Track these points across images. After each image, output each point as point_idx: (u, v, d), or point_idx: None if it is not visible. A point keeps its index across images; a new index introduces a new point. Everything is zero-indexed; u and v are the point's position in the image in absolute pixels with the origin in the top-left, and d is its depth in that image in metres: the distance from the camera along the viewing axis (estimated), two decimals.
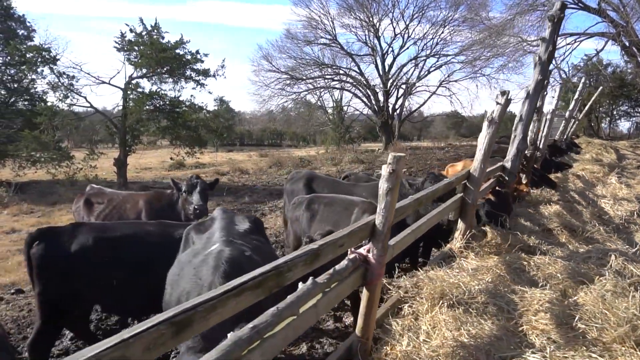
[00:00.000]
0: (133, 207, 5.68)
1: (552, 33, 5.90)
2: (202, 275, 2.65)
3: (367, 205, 4.83)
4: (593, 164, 10.98)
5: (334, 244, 2.41)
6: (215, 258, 2.71)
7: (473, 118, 59.80)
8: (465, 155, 23.00)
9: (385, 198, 2.67)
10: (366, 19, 32.95)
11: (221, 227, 3.33)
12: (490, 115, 4.55)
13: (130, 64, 17.86)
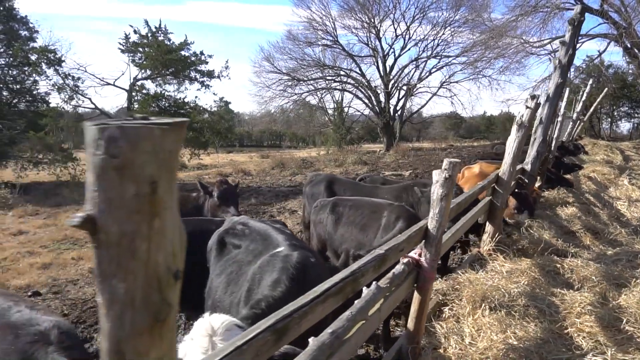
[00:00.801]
0: None
1: (573, 36, 5.95)
2: (266, 277, 2.68)
3: (398, 208, 4.85)
4: (603, 166, 11.07)
5: (396, 249, 2.44)
6: (283, 261, 2.74)
7: (472, 119, 60.04)
8: (468, 156, 23.12)
9: (439, 203, 2.70)
10: (367, 20, 33.05)
11: (275, 231, 3.36)
12: (520, 119, 4.60)
13: (135, 65, 17.87)
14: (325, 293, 1.80)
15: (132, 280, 0.73)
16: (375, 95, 34.53)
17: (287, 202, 15.12)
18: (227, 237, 3.64)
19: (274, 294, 2.47)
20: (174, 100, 18.25)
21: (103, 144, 0.68)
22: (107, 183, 0.69)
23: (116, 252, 0.72)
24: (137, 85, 17.87)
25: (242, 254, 3.34)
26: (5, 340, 2.20)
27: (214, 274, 3.45)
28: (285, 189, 18.65)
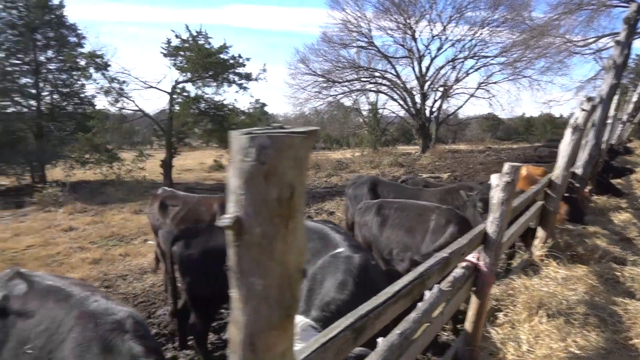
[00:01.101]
0: (208, 209, 5.84)
1: (629, 36, 5.72)
2: (330, 278, 2.73)
3: (446, 211, 4.81)
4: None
5: (458, 252, 2.44)
6: (346, 263, 2.78)
7: (510, 121, 58.36)
8: (508, 159, 22.52)
9: (500, 207, 2.67)
10: (403, 21, 32.74)
11: (332, 230, 3.42)
12: (575, 121, 4.47)
13: (176, 68, 18.38)
14: (397, 294, 1.83)
15: (268, 278, 0.78)
16: (411, 97, 34.16)
17: (324, 203, 15.20)
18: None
19: (342, 297, 2.53)
20: (214, 102, 18.66)
21: (254, 152, 0.74)
22: (255, 188, 0.75)
23: (257, 252, 0.78)
24: (178, 87, 18.37)
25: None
26: (88, 328, 2.35)
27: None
28: (321, 190, 18.76)
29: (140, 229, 12.55)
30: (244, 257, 0.79)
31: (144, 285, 7.65)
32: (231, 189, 0.78)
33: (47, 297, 2.76)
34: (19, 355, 2.65)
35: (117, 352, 2.18)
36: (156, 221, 6.25)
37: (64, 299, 2.69)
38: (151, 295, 7.03)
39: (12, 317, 2.76)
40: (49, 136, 20.32)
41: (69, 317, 2.51)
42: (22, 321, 2.71)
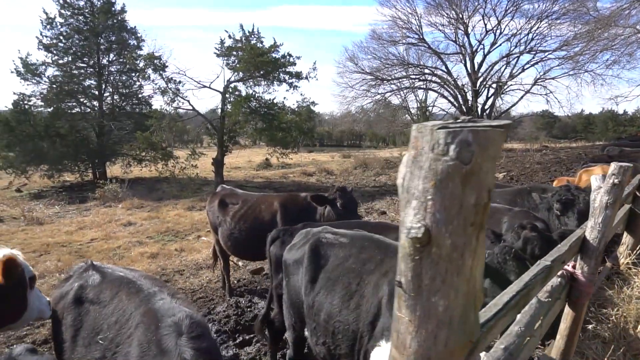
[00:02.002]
0: (268, 208, 5.83)
1: None
2: None
3: (520, 214, 4.53)
4: None
5: (559, 260, 2.23)
6: None
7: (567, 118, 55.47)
8: (568, 159, 21.36)
9: (604, 212, 2.43)
10: (455, 16, 31.82)
11: (381, 236, 3.30)
12: None
13: (228, 68, 18.72)
14: (506, 306, 1.67)
15: (453, 297, 0.66)
16: (462, 94, 33.17)
17: (374, 202, 15.01)
18: (322, 248, 3.45)
19: None
20: (264, 101, 18.88)
21: (454, 149, 0.62)
22: (449, 191, 0.63)
23: (444, 267, 0.66)
24: (230, 87, 18.71)
25: (354, 264, 3.17)
26: (150, 328, 2.39)
27: (317, 287, 3.29)
28: (370, 189, 18.56)
29: (194, 225, 12.88)
30: (427, 273, 0.67)
31: (201, 281, 7.80)
32: (412, 193, 0.66)
33: (120, 289, 2.84)
34: (92, 344, 2.73)
35: (169, 356, 2.21)
36: (216, 219, 6.32)
37: (134, 293, 2.75)
38: (209, 292, 7.14)
39: (87, 305, 2.87)
40: (110, 135, 21.32)
41: (137, 312, 2.57)
42: (96, 310, 2.80)
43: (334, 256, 3.34)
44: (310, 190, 18.94)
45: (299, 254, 3.62)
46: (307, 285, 3.39)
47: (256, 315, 5.51)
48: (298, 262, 3.59)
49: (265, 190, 18.26)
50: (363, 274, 3.05)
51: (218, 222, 6.31)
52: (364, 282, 3.01)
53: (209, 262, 8.95)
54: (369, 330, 2.83)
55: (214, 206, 6.39)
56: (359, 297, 2.97)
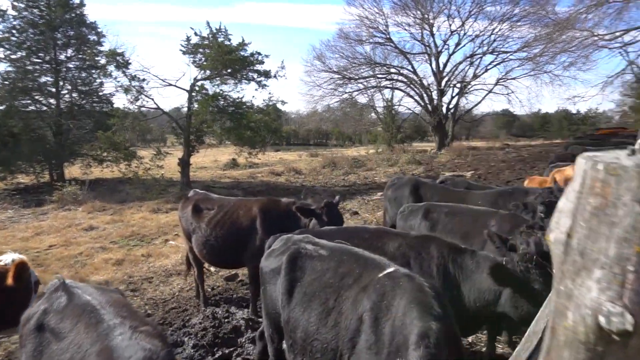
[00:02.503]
0: (246, 214, 5.56)
1: None
2: (399, 301, 2.51)
3: (507, 217, 4.48)
4: None
5: None
6: (411, 282, 2.60)
7: (526, 117, 57.49)
8: (531, 157, 22.00)
9: None
10: (421, 16, 32.27)
11: (359, 249, 3.19)
12: None
13: (195, 66, 18.18)
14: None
15: None
16: (428, 94, 33.70)
17: (345, 202, 14.89)
18: (301, 259, 3.31)
19: (432, 324, 2.24)
20: (232, 100, 18.44)
21: None
22: None
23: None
24: (197, 85, 18.16)
25: (332, 278, 3.03)
26: None
27: (294, 302, 3.13)
28: (340, 188, 18.47)
29: (160, 228, 12.38)
30: None
31: (172, 290, 7.42)
32: (594, 259, 0.48)
33: (81, 319, 2.64)
34: None
35: None
36: (189, 225, 5.99)
37: (94, 325, 2.56)
38: (182, 301, 6.78)
39: (48, 335, 2.69)
40: (68, 134, 20.29)
41: (93, 349, 2.40)
42: (54, 342, 2.63)
43: (311, 269, 3.20)
44: (280, 190, 18.68)
45: (276, 263, 3.46)
46: (283, 298, 3.24)
47: (235, 326, 5.25)
48: (275, 271, 3.44)
49: (234, 190, 17.85)
50: (341, 289, 2.93)
51: (192, 229, 5.98)
52: (341, 298, 2.89)
53: (178, 268, 8.56)
54: (349, 349, 2.71)
55: (187, 212, 6.05)
56: (337, 313, 2.85)
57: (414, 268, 3.40)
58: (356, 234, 3.88)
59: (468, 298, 3.19)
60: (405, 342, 2.32)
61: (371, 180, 19.93)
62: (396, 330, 2.42)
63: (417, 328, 2.29)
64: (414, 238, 3.65)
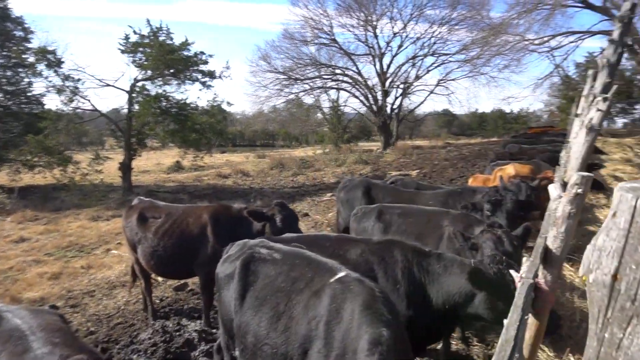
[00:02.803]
0: (196, 221, 5.33)
1: (622, 34, 5.75)
2: (350, 306, 2.52)
3: (459, 217, 4.60)
4: (624, 164, 10.96)
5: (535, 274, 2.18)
6: (362, 287, 2.61)
7: (465, 116, 60.24)
8: (471, 155, 23.02)
9: (567, 221, 2.44)
10: (364, 18, 32.84)
11: (313, 253, 3.17)
12: (589, 122, 4.36)
13: (135, 66, 17.38)
14: (517, 338, 1.53)
15: None
16: (372, 94, 34.34)
17: (294, 203, 14.81)
18: (254, 264, 3.28)
19: (384, 331, 2.24)
20: (176, 101, 17.79)
21: None
22: None
23: None
24: (138, 86, 17.36)
25: (283, 282, 3.01)
26: None
27: (245, 306, 3.10)
28: (289, 190, 18.38)
29: (101, 237, 11.73)
30: None
31: (117, 303, 7.01)
32: None
33: (6, 347, 2.43)
34: None
35: None
36: (134, 235, 5.66)
37: (18, 355, 2.36)
38: (128, 315, 6.42)
39: None
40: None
41: None
42: None
43: (264, 273, 3.18)
44: (228, 192, 18.28)
45: (230, 268, 3.40)
46: (236, 302, 3.19)
47: (187, 340, 5.01)
48: (229, 276, 3.38)
49: (179, 194, 17.25)
50: (292, 293, 2.91)
51: (137, 239, 5.66)
52: (292, 302, 2.87)
53: (123, 279, 8.11)
54: (300, 354, 2.69)
55: (131, 221, 5.71)
56: (288, 318, 2.83)
57: (378, 274, 3.39)
58: (317, 242, 3.82)
59: (436, 301, 3.20)
60: (355, 348, 2.32)
61: (320, 181, 19.99)
62: (347, 336, 2.42)
63: (368, 334, 2.29)
64: (376, 243, 3.63)
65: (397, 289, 3.31)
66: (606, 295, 0.51)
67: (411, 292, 3.26)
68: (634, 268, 0.46)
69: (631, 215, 0.49)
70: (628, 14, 5.65)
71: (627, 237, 0.48)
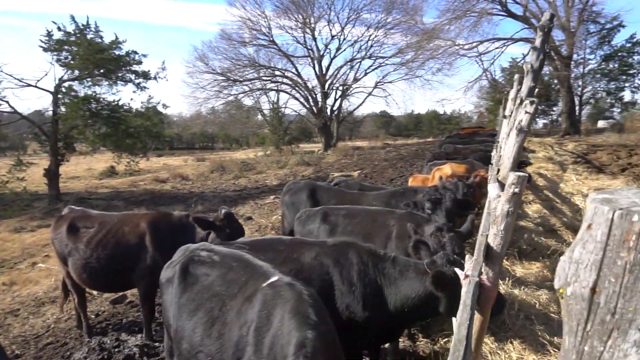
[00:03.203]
0: (133, 230, 5.03)
1: (543, 42, 6.18)
2: (280, 311, 2.50)
3: (406, 216, 4.70)
4: (547, 162, 11.81)
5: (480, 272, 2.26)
6: (293, 291, 2.58)
7: (401, 117, 62.31)
8: (409, 155, 23.82)
9: (505, 219, 2.56)
10: (302, 20, 32.99)
11: (252, 256, 3.14)
12: (519, 124, 4.64)
13: (60, 65, 16.25)
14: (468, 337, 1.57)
15: None
16: (313, 96, 34.57)
17: (237, 207, 14.54)
18: (193, 266, 3.20)
19: (309, 333, 2.25)
20: (107, 102, 16.84)
21: None
22: None
23: None
24: (64, 86, 16.26)
25: (219, 286, 2.94)
26: None
27: (182, 310, 3.01)
28: (231, 193, 18.00)
29: (25, 250, 10.89)
30: None
31: (47, 322, 6.50)
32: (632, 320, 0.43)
33: None
34: None
35: None
36: (64, 247, 5.26)
37: None
38: (59, 334, 5.96)
39: None
40: None
41: None
42: None
43: (202, 277, 3.10)
44: (166, 198, 17.58)
45: (171, 272, 3.30)
46: (174, 307, 3.10)
47: (127, 356, 4.72)
48: (169, 281, 3.27)
49: (114, 201, 16.35)
50: (226, 298, 2.84)
51: (67, 252, 5.26)
52: (226, 308, 2.80)
53: (52, 294, 7.56)
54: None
55: (61, 232, 5.31)
56: (221, 324, 2.76)
57: (333, 277, 3.38)
58: (270, 247, 3.74)
59: (394, 304, 3.23)
60: (283, 353, 2.31)
61: (262, 184, 19.77)
62: (276, 342, 2.41)
63: (295, 338, 2.29)
64: (331, 246, 3.62)
65: (352, 291, 3.32)
66: (585, 308, 0.53)
67: (367, 293, 3.28)
68: (613, 281, 0.48)
69: (608, 228, 0.51)
70: (548, 23, 6.11)
71: (605, 249, 0.50)
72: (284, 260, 3.57)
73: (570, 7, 23.02)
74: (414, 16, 29.96)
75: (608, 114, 37.36)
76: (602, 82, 30.10)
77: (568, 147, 18.33)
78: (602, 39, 27.93)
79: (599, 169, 12.05)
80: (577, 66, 27.95)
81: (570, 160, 14.83)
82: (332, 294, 3.39)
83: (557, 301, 3.64)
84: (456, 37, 24.76)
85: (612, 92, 30.04)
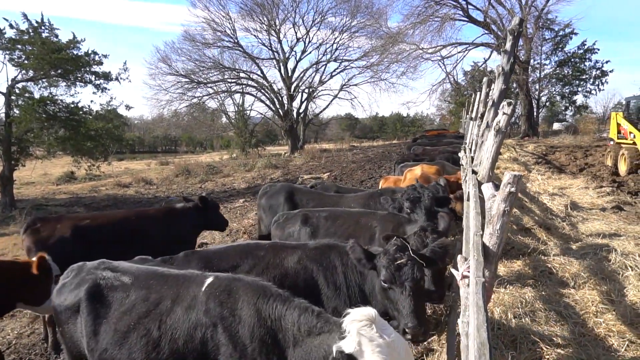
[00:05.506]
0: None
1: (513, 46, 6.36)
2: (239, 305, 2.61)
3: (388, 217, 4.70)
4: (512, 163, 12.20)
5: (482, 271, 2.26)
6: (241, 282, 2.72)
7: (366, 120, 63.12)
8: (376, 157, 24.07)
9: (501, 219, 2.58)
10: (267, 22, 32.80)
11: (167, 267, 3.18)
12: (497, 124, 4.74)
13: (13, 65, 15.40)
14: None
15: None
16: (279, 98, 34.41)
17: None
18: (102, 291, 2.97)
19: None
20: (65, 105, 16.09)
21: None
22: None
23: None
24: (18, 87, 15.43)
25: (145, 307, 2.80)
26: None
27: (104, 339, 2.82)
28: (196, 197, 17.57)
29: None
30: None
31: (7, 337, 6.09)
32: None
33: None
34: None
35: None
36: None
37: None
38: (22, 350, 5.59)
39: None
40: None
41: None
42: None
43: (117, 302, 2.91)
44: (130, 203, 16.96)
45: (72, 299, 3.04)
46: (88, 339, 2.89)
47: None
48: (72, 310, 3.03)
49: (74, 207, 15.63)
50: (162, 315, 2.74)
51: None
52: (166, 325, 2.71)
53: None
54: None
55: (30, 245, 4.99)
56: (169, 341, 2.67)
57: (318, 280, 3.31)
58: (249, 253, 3.62)
59: (381, 303, 3.18)
60: (287, 327, 2.42)
61: (230, 187, 19.46)
62: (262, 326, 2.48)
63: (293, 308, 2.48)
64: (313, 249, 3.54)
65: (338, 294, 3.27)
66: None
67: (352, 294, 3.25)
68: None
69: None
70: (517, 27, 6.30)
71: None
72: (266, 266, 3.47)
73: (527, 14, 23.97)
74: (378, 20, 30.39)
75: (561, 116, 39.21)
76: (557, 86, 31.53)
77: (528, 148, 19.04)
78: (556, 45, 29.28)
79: (559, 169, 12.57)
80: (533, 71, 29.14)
81: (532, 160, 15.41)
82: (319, 299, 3.32)
83: (543, 298, 3.72)
84: (420, 41, 25.31)
85: (566, 96, 31.52)
